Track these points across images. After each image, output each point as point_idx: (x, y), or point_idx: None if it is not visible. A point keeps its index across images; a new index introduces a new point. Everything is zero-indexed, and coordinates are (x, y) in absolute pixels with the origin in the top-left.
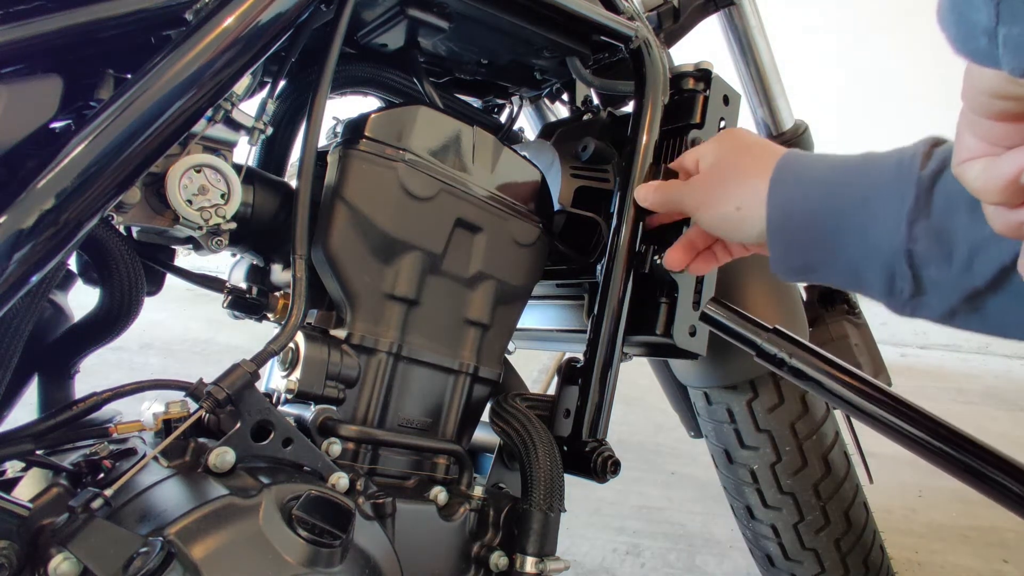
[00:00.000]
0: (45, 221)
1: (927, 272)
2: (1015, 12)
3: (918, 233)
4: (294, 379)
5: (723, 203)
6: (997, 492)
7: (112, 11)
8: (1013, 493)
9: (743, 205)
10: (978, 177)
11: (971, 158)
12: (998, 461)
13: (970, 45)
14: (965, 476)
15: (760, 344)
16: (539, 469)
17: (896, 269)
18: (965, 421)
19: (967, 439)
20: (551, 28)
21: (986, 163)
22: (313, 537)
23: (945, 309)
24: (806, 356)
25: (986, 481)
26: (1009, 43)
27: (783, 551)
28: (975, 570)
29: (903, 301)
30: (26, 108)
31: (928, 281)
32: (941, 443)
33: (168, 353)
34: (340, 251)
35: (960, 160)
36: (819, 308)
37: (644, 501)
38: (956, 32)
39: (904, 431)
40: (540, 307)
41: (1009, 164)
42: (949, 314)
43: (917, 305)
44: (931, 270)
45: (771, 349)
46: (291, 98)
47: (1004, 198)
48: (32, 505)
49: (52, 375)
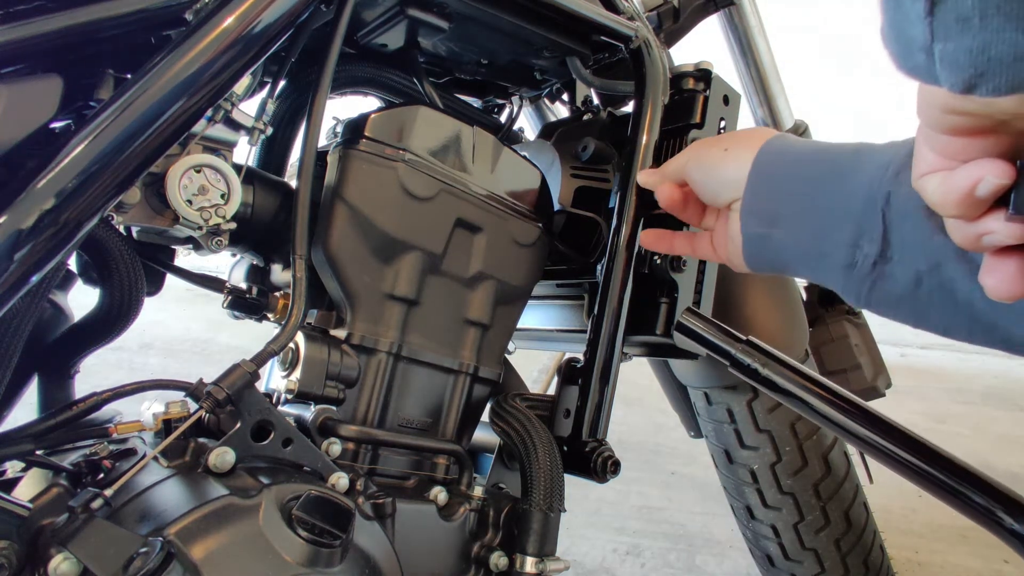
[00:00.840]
0: (45, 221)
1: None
2: (948, 29)
3: (904, 178)
4: (294, 379)
5: (713, 145)
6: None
7: (112, 11)
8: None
9: (731, 147)
10: (935, 190)
11: (929, 172)
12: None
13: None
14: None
15: (734, 354)
16: (539, 469)
17: (865, 223)
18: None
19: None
20: (551, 28)
21: (943, 177)
22: (313, 537)
23: (910, 278)
24: (779, 368)
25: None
26: (945, 59)
27: (783, 551)
28: (975, 570)
29: (864, 273)
30: (26, 108)
31: (896, 241)
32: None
33: (168, 353)
34: (340, 251)
35: (919, 174)
36: (819, 308)
37: (644, 501)
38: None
39: (875, 444)
40: (540, 307)
41: (963, 177)
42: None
43: (878, 277)
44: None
45: (744, 359)
46: (291, 98)
47: (961, 211)
48: (32, 505)
49: (52, 375)
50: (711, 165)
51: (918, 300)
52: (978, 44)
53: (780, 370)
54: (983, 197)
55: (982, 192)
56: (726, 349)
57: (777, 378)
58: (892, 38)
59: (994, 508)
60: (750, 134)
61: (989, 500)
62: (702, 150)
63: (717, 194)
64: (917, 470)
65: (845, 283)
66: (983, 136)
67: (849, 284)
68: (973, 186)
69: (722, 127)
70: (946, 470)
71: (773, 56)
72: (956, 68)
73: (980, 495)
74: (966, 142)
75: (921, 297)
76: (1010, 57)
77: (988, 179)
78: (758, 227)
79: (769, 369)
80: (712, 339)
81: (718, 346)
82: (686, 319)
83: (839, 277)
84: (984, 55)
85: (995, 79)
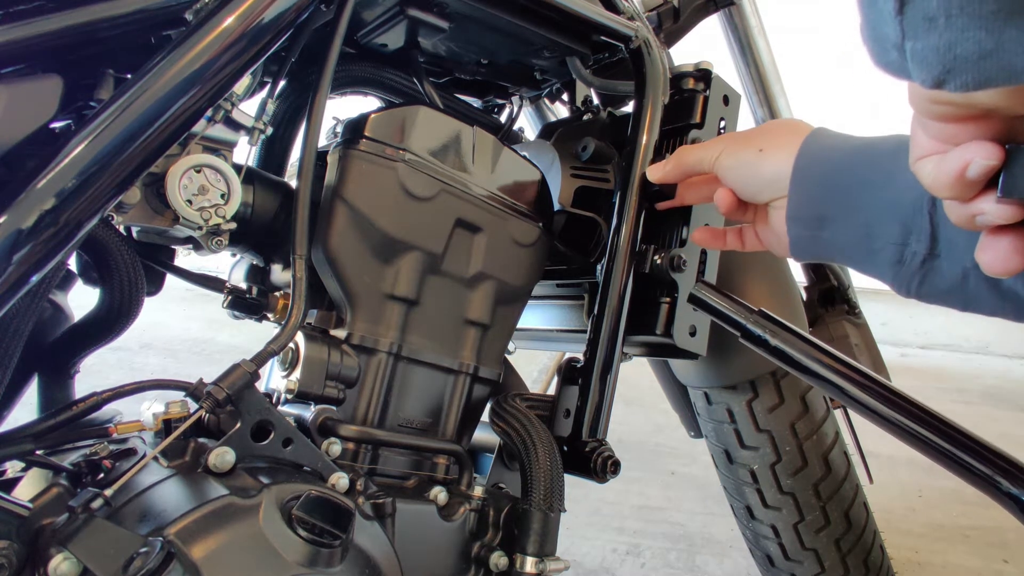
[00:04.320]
0: (45, 221)
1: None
2: (916, 28)
3: None
4: (294, 379)
5: (746, 145)
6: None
7: (112, 11)
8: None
9: (766, 147)
10: (930, 173)
11: (923, 156)
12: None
13: (884, 59)
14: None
15: (745, 325)
16: (539, 469)
17: (914, 224)
18: (965, 421)
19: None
20: (551, 28)
21: (936, 160)
22: (313, 537)
23: (958, 273)
24: (790, 337)
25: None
26: (915, 57)
27: (783, 551)
28: (975, 570)
29: (912, 270)
30: (26, 108)
31: (944, 239)
32: (923, 428)
33: (168, 353)
34: (340, 251)
35: (915, 158)
36: (819, 308)
37: (644, 501)
38: (872, 46)
39: (886, 415)
40: (540, 307)
41: (955, 160)
42: (961, 279)
43: (927, 272)
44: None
45: (755, 330)
46: (291, 98)
47: (954, 192)
48: (32, 505)
49: (52, 375)
50: (747, 166)
51: (966, 292)
52: (944, 42)
53: (791, 340)
54: (974, 179)
55: (972, 174)
56: (737, 320)
57: (787, 348)
58: (868, 35)
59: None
60: (783, 130)
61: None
62: (735, 150)
63: (757, 195)
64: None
65: (894, 277)
66: (973, 121)
67: (899, 279)
68: (964, 168)
69: (722, 127)
70: (953, 439)
71: (773, 56)
72: (926, 65)
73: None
74: (957, 127)
75: (969, 289)
76: (975, 55)
77: (977, 161)
78: (805, 230)
79: (779, 339)
80: (724, 310)
81: (730, 316)
82: (699, 291)
83: (888, 272)
84: (950, 53)
85: (963, 75)
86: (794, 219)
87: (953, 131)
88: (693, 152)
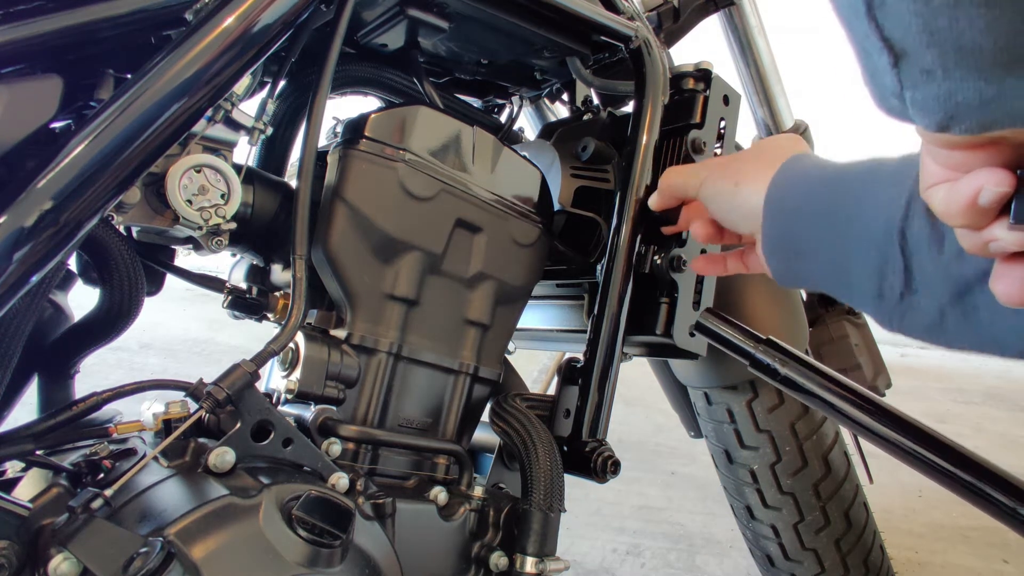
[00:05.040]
0: (45, 221)
1: (918, 259)
2: (914, 79)
3: (914, 210)
4: (294, 379)
5: (723, 178)
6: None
7: (112, 11)
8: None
9: (741, 181)
10: (941, 201)
11: (935, 184)
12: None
13: (886, 104)
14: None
15: (754, 354)
16: (539, 469)
17: (888, 254)
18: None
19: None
20: (551, 28)
21: (948, 188)
22: (313, 537)
23: (935, 310)
24: (799, 367)
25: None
26: (916, 105)
27: (783, 551)
28: (975, 570)
29: (893, 303)
30: (26, 108)
31: (919, 273)
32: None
33: (168, 353)
34: (340, 251)
35: (926, 186)
36: (819, 308)
37: (644, 501)
38: (873, 92)
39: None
40: (540, 307)
41: (966, 188)
42: (939, 316)
43: (907, 308)
44: (923, 256)
45: (764, 359)
46: (291, 98)
47: (966, 220)
48: (32, 505)
49: (52, 375)
50: (725, 201)
51: (946, 331)
52: (944, 92)
53: (800, 369)
54: (985, 206)
55: (984, 201)
56: (746, 349)
57: (797, 377)
58: (868, 83)
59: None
60: (765, 157)
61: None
62: (714, 180)
63: (737, 226)
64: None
65: (876, 312)
66: (983, 149)
67: (880, 313)
68: (975, 196)
69: (722, 127)
70: (970, 469)
71: (773, 56)
72: (927, 112)
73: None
74: (967, 155)
75: (948, 328)
76: (976, 102)
77: (988, 188)
78: (782, 263)
79: (789, 368)
80: (732, 339)
81: (738, 346)
82: (706, 319)
83: (869, 306)
84: (951, 101)
85: (966, 121)
86: (769, 253)
87: (963, 159)
88: (677, 176)
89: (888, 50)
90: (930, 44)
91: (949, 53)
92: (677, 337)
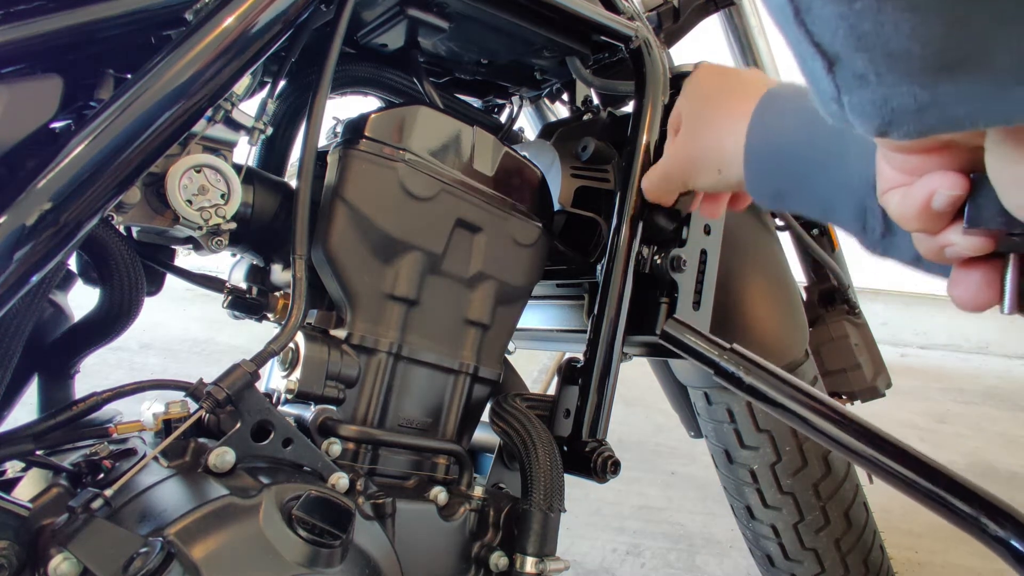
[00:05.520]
0: (45, 221)
1: None
2: (848, 84)
3: None
4: (294, 379)
5: (705, 170)
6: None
7: (112, 11)
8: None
9: (723, 167)
10: (897, 205)
11: (889, 188)
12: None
13: (828, 109)
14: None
15: (718, 362)
16: (539, 469)
17: (867, 204)
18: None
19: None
20: (551, 28)
21: (903, 192)
22: (313, 537)
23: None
24: (764, 375)
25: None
26: (853, 110)
27: (783, 551)
28: (975, 570)
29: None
30: (26, 108)
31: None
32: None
33: (168, 353)
34: (340, 251)
35: (882, 191)
36: (819, 308)
37: (644, 501)
38: (817, 98)
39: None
40: (540, 307)
41: (919, 191)
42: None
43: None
44: None
45: (729, 367)
46: (291, 98)
47: (921, 224)
48: (32, 505)
49: (52, 375)
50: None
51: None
52: (879, 97)
53: (765, 377)
54: (939, 209)
55: (937, 205)
56: (710, 357)
57: (761, 385)
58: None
59: (979, 515)
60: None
61: (975, 508)
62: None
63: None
64: (903, 478)
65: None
66: (936, 152)
67: (865, 245)
68: (928, 199)
69: None
70: (932, 478)
71: (773, 56)
72: (865, 117)
73: (966, 503)
74: (920, 159)
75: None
76: (912, 108)
77: (941, 192)
78: (767, 202)
79: (753, 376)
80: (696, 347)
81: (702, 354)
82: (671, 328)
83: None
84: (887, 106)
85: (904, 127)
86: (754, 194)
87: (916, 162)
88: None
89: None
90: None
91: (879, 58)
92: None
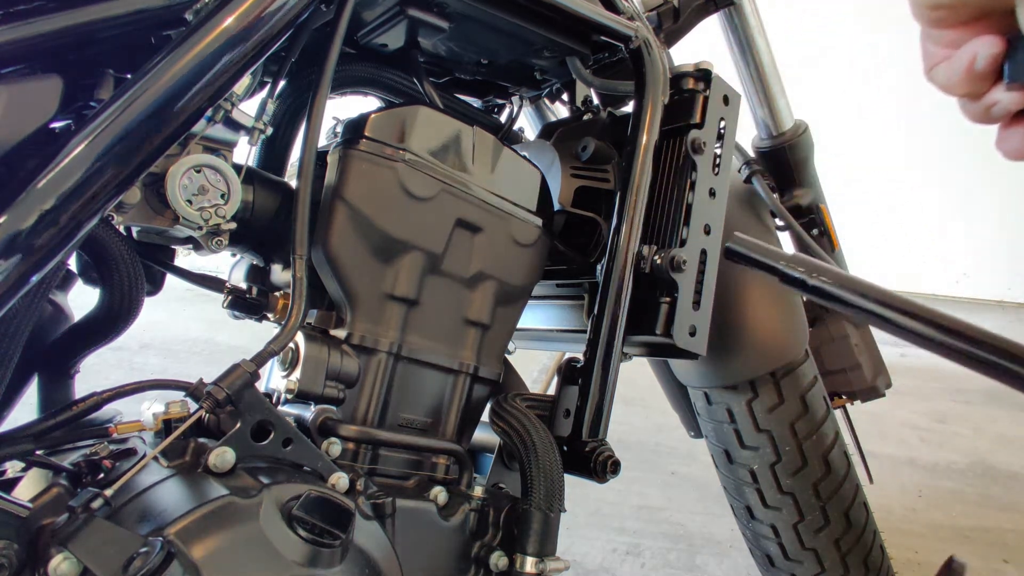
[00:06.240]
0: (45, 221)
1: None
2: None
3: None
4: (294, 379)
5: None
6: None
7: (112, 11)
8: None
9: None
10: (943, 75)
11: (935, 63)
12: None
13: None
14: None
15: (782, 269)
16: (539, 469)
17: None
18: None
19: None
20: (551, 28)
21: (947, 63)
22: (313, 537)
23: None
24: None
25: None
26: None
27: (783, 551)
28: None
29: None
30: (26, 108)
31: None
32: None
33: (168, 353)
34: (340, 251)
35: (928, 68)
36: (819, 308)
37: (644, 501)
38: None
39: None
40: (540, 307)
41: (963, 56)
42: None
43: None
44: None
45: (792, 272)
46: (291, 98)
47: (967, 87)
48: (32, 505)
49: (52, 375)
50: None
51: None
52: None
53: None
54: (981, 70)
55: (980, 66)
56: (774, 265)
57: (826, 285)
58: None
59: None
60: None
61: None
62: None
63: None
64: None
65: None
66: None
67: None
68: (971, 62)
69: (722, 127)
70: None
71: (773, 56)
72: None
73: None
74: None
75: None
76: None
77: (982, 53)
78: None
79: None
80: (760, 258)
81: (766, 264)
82: (734, 244)
83: None
84: None
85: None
86: None
87: (956, 36)
88: None
89: None
90: None
91: None
92: (677, 337)
